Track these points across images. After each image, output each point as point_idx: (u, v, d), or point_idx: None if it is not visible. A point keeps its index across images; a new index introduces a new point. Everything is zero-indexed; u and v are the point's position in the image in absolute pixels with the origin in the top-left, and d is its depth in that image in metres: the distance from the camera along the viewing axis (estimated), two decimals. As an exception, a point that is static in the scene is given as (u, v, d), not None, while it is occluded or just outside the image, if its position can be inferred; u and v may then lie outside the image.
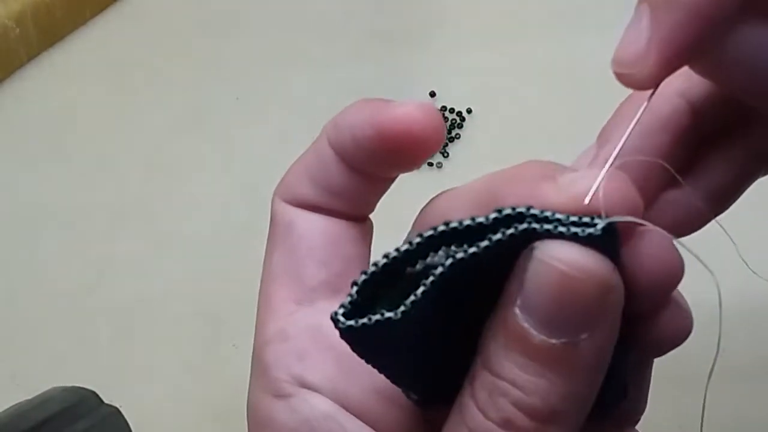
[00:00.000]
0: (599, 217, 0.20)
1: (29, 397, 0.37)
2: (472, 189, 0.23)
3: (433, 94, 0.61)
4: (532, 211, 0.20)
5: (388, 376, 0.24)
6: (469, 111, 0.60)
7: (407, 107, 0.24)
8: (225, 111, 0.61)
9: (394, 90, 0.60)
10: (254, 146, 0.59)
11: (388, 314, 0.21)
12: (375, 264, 0.21)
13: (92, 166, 0.59)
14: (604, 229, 0.20)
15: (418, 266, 0.21)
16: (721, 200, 0.27)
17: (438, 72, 0.63)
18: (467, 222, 0.21)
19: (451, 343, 0.23)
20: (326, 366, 0.25)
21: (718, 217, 0.27)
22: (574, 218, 0.20)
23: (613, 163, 0.22)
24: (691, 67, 0.23)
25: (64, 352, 0.51)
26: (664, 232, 0.21)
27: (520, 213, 0.20)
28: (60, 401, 0.36)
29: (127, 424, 0.38)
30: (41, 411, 0.35)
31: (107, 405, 0.38)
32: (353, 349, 0.22)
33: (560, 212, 0.20)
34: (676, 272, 0.22)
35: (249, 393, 0.27)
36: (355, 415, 0.26)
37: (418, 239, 0.21)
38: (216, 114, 0.61)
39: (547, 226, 0.20)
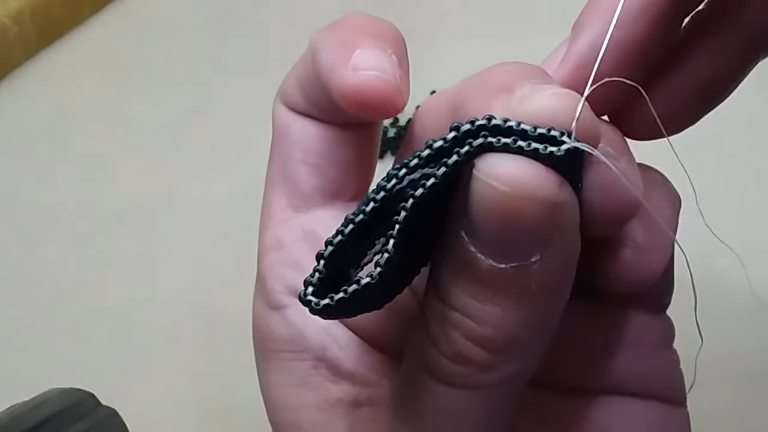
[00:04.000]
0: (568, 134, 0.18)
1: (26, 399, 0.36)
2: (447, 98, 0.22)
3: (434, 93, 0.61)
4: (494, 122, 0.18)
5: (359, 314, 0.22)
6: (470, 110, 0.60)
7: (360, 78, 0.22)
8: (225, 111, 0.61)
9: (395, 89, 0.60)
10: (254, 146, 0.59)
11: (364, 280, 0.20)
12: (340, 232, 0.20)
13: (92, 166, 0.59)
14: (567, 150, 0.18)
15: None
16: (717, 89, 0.24)
17: (439, 70, 0.62)
18: (426, 152, 0.19)
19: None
20: None
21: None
22: (542, 130, 0.18)
23: (592, 81, 0.21)
24: None
25: (62, 353, 0.50)
26: (618, 173, 0.19)
27: (480, 126, 0.19)
28: (57, 403, 0.36)
29: (125, 426, 0.37)
30: (38, 412, 0.35)
31: (105, 406, 0.37)
32: (325, 318, 0.21)
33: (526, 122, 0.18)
34: (625, 210, 0.20)
35: (252, 306, 0.26)
36: (347, 327, 0.25)
37: (376, 196, 0.19)
38: (216, 114, 0.61)
39: (505, 140, 0.18)
